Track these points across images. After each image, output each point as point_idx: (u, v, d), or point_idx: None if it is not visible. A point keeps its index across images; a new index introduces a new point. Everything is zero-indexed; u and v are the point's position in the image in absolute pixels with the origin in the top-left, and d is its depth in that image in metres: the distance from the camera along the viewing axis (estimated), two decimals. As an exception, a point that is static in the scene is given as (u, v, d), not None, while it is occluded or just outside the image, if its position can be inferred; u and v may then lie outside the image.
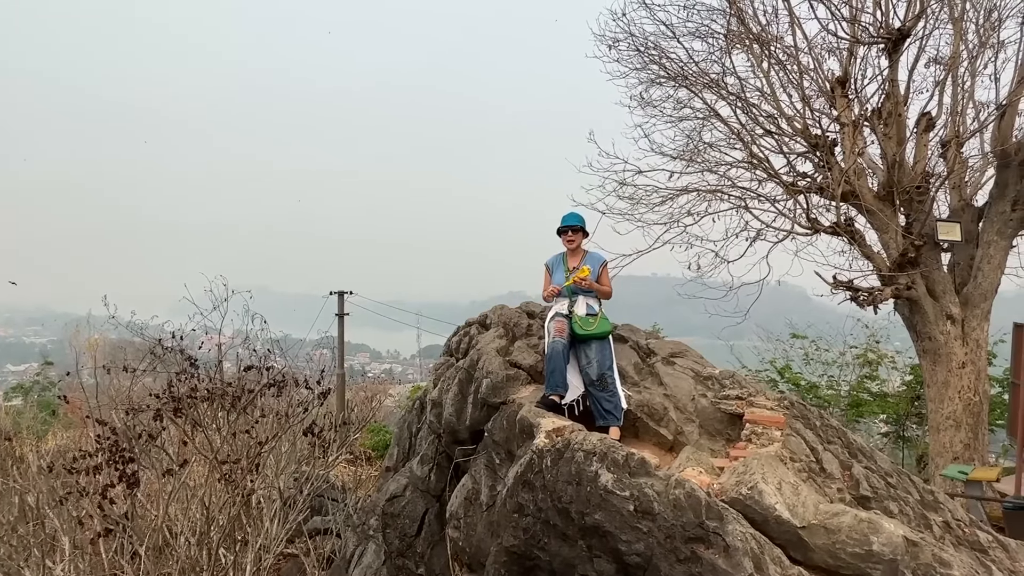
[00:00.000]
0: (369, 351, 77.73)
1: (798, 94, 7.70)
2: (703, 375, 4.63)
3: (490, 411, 4.56)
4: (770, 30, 7.72)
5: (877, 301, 7.03)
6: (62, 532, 5.14)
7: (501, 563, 3.55)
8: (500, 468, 4.23)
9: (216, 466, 5.47)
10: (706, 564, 2.67)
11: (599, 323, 4.51)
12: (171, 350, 5.70)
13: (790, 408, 4.29)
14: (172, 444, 6.02)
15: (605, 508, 2.95)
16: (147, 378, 7.43)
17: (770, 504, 2.96)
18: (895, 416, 12.08)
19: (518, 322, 5.37)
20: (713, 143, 8.47)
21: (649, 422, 4.28)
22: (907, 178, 7.06)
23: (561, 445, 3.37)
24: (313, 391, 6.66)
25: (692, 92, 8.10)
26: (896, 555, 2.69)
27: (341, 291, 15.90)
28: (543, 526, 3.24)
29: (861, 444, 4.31)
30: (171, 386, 5.71)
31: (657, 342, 5.08)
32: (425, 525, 5.41)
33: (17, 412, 16.57)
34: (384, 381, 22.12)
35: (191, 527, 5.36)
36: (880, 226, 7.30)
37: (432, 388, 5.58)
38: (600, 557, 2.96)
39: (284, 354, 7.49)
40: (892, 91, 7.20)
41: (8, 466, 6.16)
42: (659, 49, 8.10)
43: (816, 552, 2.87)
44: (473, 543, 4.30)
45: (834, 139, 7.59)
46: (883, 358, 12.67)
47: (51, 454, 8.26)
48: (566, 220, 4.81)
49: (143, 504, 5.77)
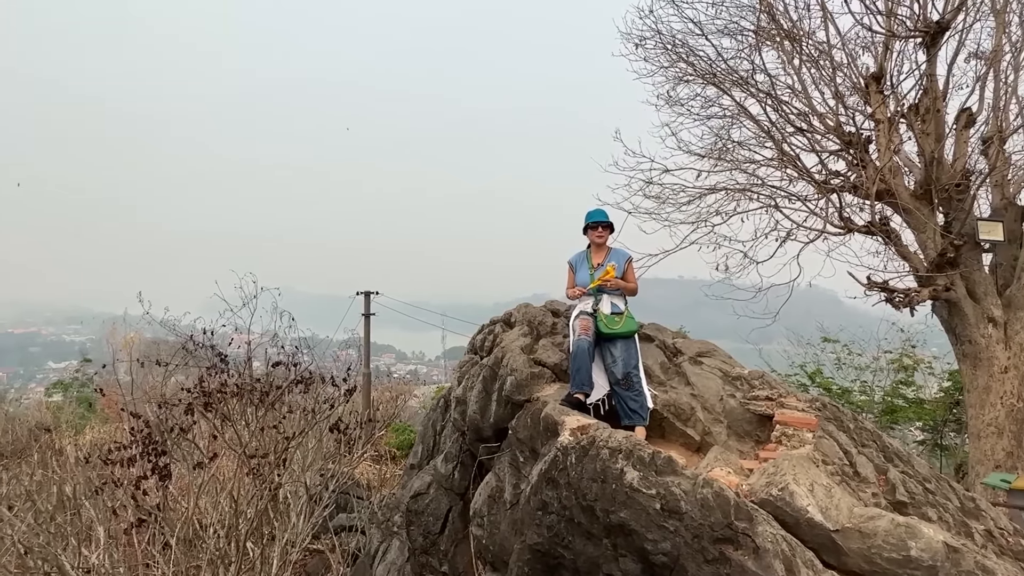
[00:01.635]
0: (395, 352, 78.42)
1: (831, 91, 7.52)
2: (731, 375, 4.54)
3: (514, 409, 4.54)
4: (802, 26, 7.56)
5: (914, 302, 6.80)
6: (97, 522, 5.28)
7: (524, 561, 3.52)
8: (524, 466, 4.20)
9: (244, 460, 5.56)
10: (735, 566, 2.60)
11: (625, 321, 4.46)
12: (202, 346, 5.81)
13: (822, 410, 4.18)
14: (203, 438, 6.15)
15: (631, 506, 2.90)
16: (179, 375, 7.60)
17: (802, 506, 2.87)
18: (932, 423, 11.69)
19: (543, 320, 5.34)
20: (742, 141, 8.33)
21: (676, 422, 4.21)
22: (946, 176, 6.82)
23: (586, 442, 3.33)
24: (339, 388, 6.74)
25: (721, 90, 7.97)
26: (936, 561, 2.58)
27: (368, 291, 16.07)
28: (567, 524, 3.20)
29: (898, 448, 4.17)
30: (202, 381, 5.84)
31: (684, 341, 5.00)
32: (449, 523, 5.41)
33: (57, 407, 17.14)
34: (409, 382, 22.27)
35: (220, 520, 5.45)
36: (917, 225, 7.07)
37: (456, 386, 5.58)
38: (625, 556, 2.91)
39: (312, 351, 7.58)
40: (930, 86, 6.97)
41: (48, 457, 6.35)
42: (687, 47, 7.99)
43: (851, 557, 2.77)
44: (496, 541, 4.28)
45: (868, 136, 7.39)
46: (919, 363, 12.28)
47: (88, 446, 8.52)
48: (593, 216, 4.77)
49: (174, 497, 5.90)
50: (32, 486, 5.61)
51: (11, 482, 5.98)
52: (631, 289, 4.67)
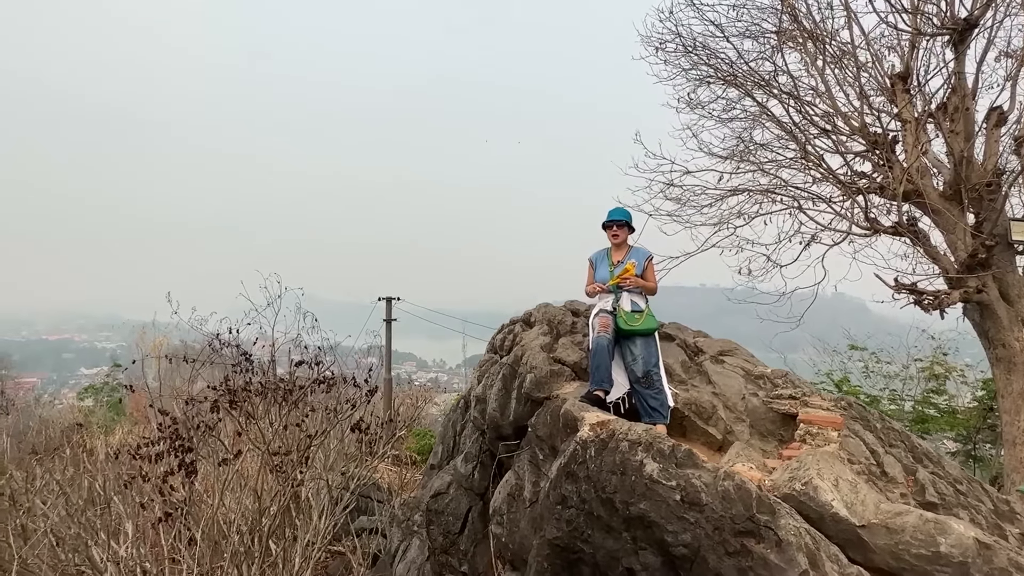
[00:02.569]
0: (416, 360, 78.78)
1: (855, 91, 7.41)
2: (754, 374, 4.48)
3: (534, 406, 4.54)
4: (825, 26, 7.48)
5: (943, 305, 6.63)
6: (126, 516, 5.40)
7: (544, 556, 3.50)
8: (544, 464, 4.19)
9: (268, 457, 5.64)
10: (757, 558, 2.56)
11: (645, 319, 4.43)
12: (227, 344, 5.94)
13: (848, 409, 4.10)
14: (227, 436, 6.26)
15: (650, 498, 2.87)
16: (205, 376, 7.76)
17: (826, 501, 2.81)
18: (965, 433, 11.33)
19: (562, 320, 5.34)
20: (765, 143, 8.25)
21: (697, 421, 4.17)
22: (976, 175, 6.67)
23: (605, 435, 3.31)
24: (361, 389, 6.81)
25: (743, 92, 7.92)
26: (967, 557, 2.51)
27: (389, 297, 16.23)
28: (586, 518, 3.18)
29: (927, 448, 4.06)
30: (227, 379, 5.95)
31: (705, 340, 4.96)
32: (469, 523, 5.40)
33: (88, 411, 17.61)
34: (430, 389, 22.32)
35: (243, 515, 5.53)
36: (946, 226, 6.90)
37: (476, 385, 5.60)
38: (645, 549, 2.88)
39: (334, 352, 7.68)
40: (958, 85, 6.84)
41: (79, 454, 6.52)
42: (708, 49, 7.97)
43: (877, 553, 2.71)
44: (516, 539, 4.26)
45: (895, 136, 7.26)
46: (951, 371, 11.92)
47: (117, 445, 8.72)
48: (612, 215, 4.76)
49: (200, 494, 6.00)
50: (64, 481, 5.76)
51: (44, 476, 6.15)
52: (650, 288, 4.63)
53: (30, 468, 6.57)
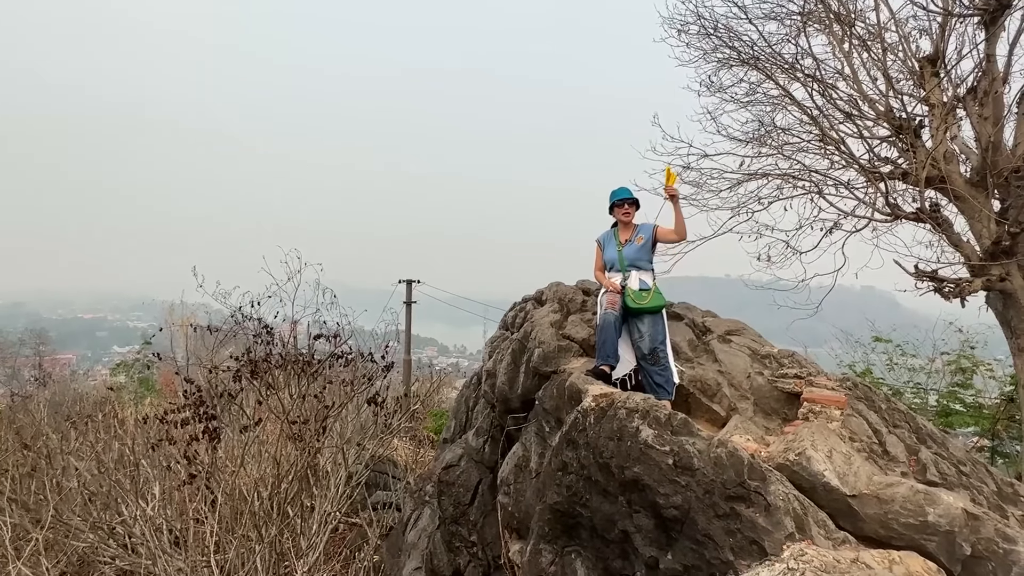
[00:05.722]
0: (437, 345, 79.53)
1: (882, 75, 7.26)
2: (760, 353, 4.50)
3: (541, 380, 4.64)
4: (851, 7, 7.33)
5: (965, 292, 6.51)
6: (153, 478, 5.68)
7: (545, 521, 3.62)
8: (550, 436, 4.30)
9: (287, 426, 5.87)
10: (745, 521, 2.63)
11: (652, 297, 4.48)
12: (249, 317, 6.16)
13: (853, 389, 4.11)
14: (249, 405, 6.51)
15: (644, 462, 2.95)
16: (228, 344, 8.03)
17: (818, 471, 2.86)
18: (990, 428, 11.10)
19: (573, 298, 5.42)
20: (787, 128, 8.13)
21: (702, 398, 4.22)
22: (1003, 160, 6.50)
23: (605, 404, 3.40)
24: (378, 364, 6.99)
25: (765, 75, 7.80)
26: (954, 527, 2.54)
27: (409, 279, 16.46)
28: (585, 483, 3.28)
29: (932, 430, 4.05)
30: (249, 351, 6.19)
31: (714, 320, 4.98)
32: (479, 494, 5.55)
33: (120, 386, 18.33)
34: (449, 374, 22.61)
35: (263, 481, 5.77)
36: (970, 213, 6.76)
37: (487, 359, 5.72)
38: (639, 512, 2.97)
39: (353, 333, 7.85)
40: (989, 68, 6.66)
41: (111, 421, 6.86)
42: (730, 31, 7.87)
43: (867, 523, 2.75)
44: (522, 508, 4.39)
45: (920, 121, 7.10)
46: (979, 366, 11.66)
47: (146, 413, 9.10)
48: (618, 194, 4.79)
49: (222, 459, 6.27)
50: (96, 442, 6.08)
51: (79, 438, 6.49)
52: (681, 228, 4.55)
53: (66, 431, 6.93)
